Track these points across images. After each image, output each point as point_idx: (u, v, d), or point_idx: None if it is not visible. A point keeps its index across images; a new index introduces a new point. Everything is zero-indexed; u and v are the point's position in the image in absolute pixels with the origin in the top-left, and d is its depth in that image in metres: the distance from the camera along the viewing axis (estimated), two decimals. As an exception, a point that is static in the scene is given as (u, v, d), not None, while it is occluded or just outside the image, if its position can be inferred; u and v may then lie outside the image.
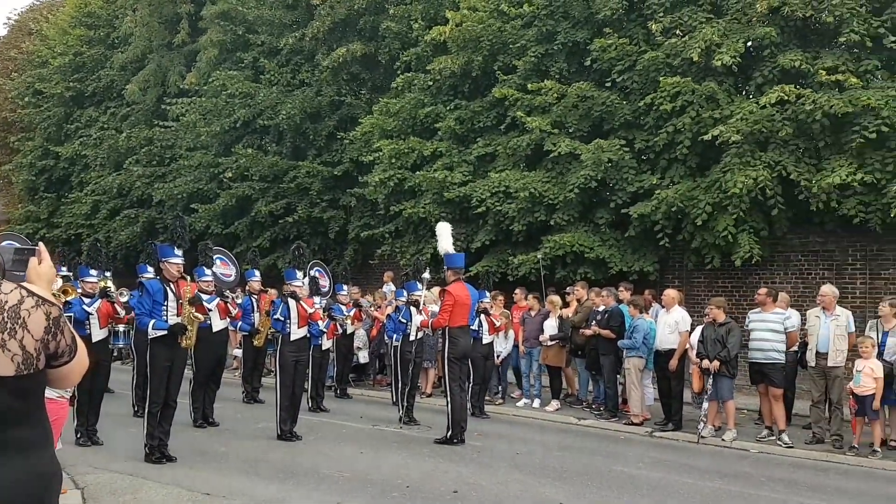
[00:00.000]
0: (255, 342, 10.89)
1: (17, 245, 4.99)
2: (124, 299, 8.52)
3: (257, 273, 11.65)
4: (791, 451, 8.65)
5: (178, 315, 7.07)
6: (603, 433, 9.70)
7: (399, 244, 16.17)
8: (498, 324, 10.77)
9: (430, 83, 15.71)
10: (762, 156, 11.64)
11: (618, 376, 10.40)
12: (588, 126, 13.70)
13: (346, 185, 17.93)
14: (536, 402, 11.23)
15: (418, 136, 15.71)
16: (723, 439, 9.04)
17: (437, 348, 11.01)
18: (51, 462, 2.16)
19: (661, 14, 12.81)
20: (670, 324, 9.63)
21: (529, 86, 13.88)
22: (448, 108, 15.52)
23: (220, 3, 19.09)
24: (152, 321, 6.89)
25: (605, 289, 11.00)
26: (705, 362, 9.10)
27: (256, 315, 10.88)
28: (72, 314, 7.39)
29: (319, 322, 9.69)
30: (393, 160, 15.57)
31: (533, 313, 11.53)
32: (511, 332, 11.73)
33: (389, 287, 14.67)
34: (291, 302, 8.48)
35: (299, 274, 9.02)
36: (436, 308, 9.77)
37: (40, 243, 2.38)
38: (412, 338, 10.06)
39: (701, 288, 13.85)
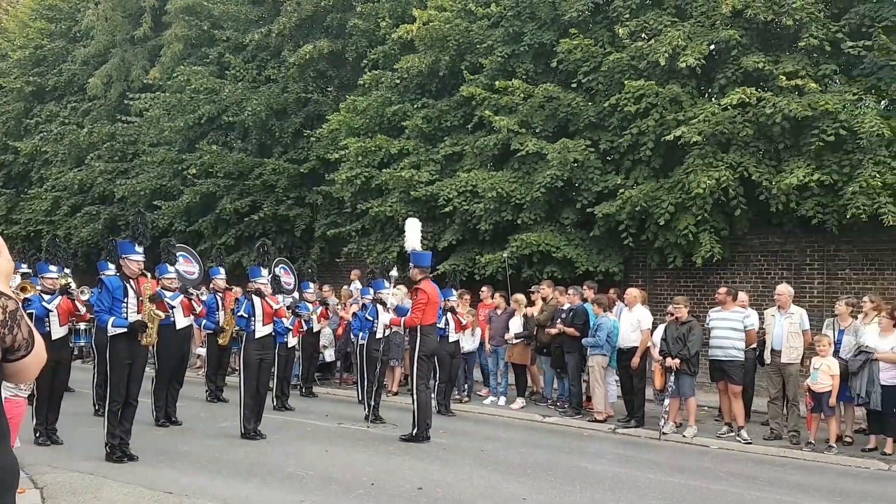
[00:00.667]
0: (220, 340, 10.78)
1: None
2: (85, 297, 8.37)
3: (222, 271, 11.54)
4: (749, 447, 8.84)
5: (138, 312, 6.98)
6: (567, 430, 9.80)
7: (366, 242, 16.12)
8: (464, 322, 10.81)
9: (398, 81, 15.68)
10: (724, 157, 11.87)
11: (582, 374, 10.50)
12: (554, 126, 13.81)
13: (313, 182, 17.80)
14: (502, 400, 11.31)
15: (385, 134, 15.67)
16: (684, 435, 9.20)
17: (405, 346, 11.01)
18: (5, 457, 2.13)
19: (627, 17, 12.98)
20: (633, 322, 9.78)
21: (497, 85, 13.95)
22: (415, 106, 15.50)
23: (185, -4, 18.82)
24: (112, 318, 6.80)
25: (570, 287, 11.12)
26: (667, 360, 9.25)
27: (221, 313, 10.77)
28: (32, 311, 7.25)
29: (284, 319, 9.63)
30: (360, 158, 15.51)
31: (499, 312, 11.60)
32: (478, 331, 11.78)
33: (356, 285, 14.62)
34: (256, 299, 8.42)
35: (264, 271, 8.95)
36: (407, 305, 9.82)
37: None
38: (378, 335, 10.05)
39: (664, 287, 14.06)
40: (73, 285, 8.42)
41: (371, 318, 10.39)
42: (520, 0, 13.93)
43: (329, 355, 13.16)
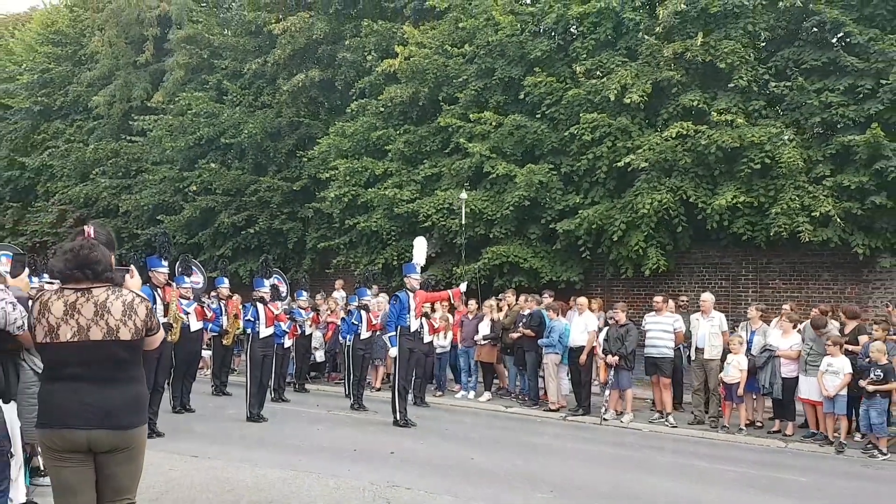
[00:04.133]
0: (224, 341, 12.31)
1: (13, 253, 6.53)
2: None
3: (226, 280, 13.06)
4: (675, 429, 10.46)
5: (164, 315, 8.53)
6: (524, 417, 11.39)
7: (353, 254, 17.72)
8: (437, 325, 12.39)
9: (382, 109, 17.28)
10: (666, 181, 13.54)
11: (538, 370, 12.10)
12: (521, 151, 15.43)
13: (305, 199, 19.39)
14: (472, 394, 12.89)
15: (370, 157, 17.28)
16: (621, 421, 10.82)
17: (387, 348, 12.58)
18: (144, 391, 3.71)
19: (584, 57, 14.65)
20: (581, 325, 11.40)
21: (470, 115, 15.59)
22: (398, 131, 17.12)
23: (187, 27, 20.39)
24: None
25: (530, 295, 12.75)
26: (608, 357, 10.88)
27: (224, 318, 12.30)
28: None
29: (282, 323, 11.20)
30: (348, 178, 17.11)
31: (470, 316, 13.20)
32: (450, 333, 13.36)
33: (340, 294, 16.22)
34: (260, 306, 10.01)
35: (266, 282, 10.54)
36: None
37: (132, 265, 3.93)
38: (363, 336, 11.65)
39: (619, 295, 15.66)
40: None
41: (356, 322, 11.97)
42: (491, 39, 15.57)
43: (319, 356, 14.69)
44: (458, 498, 6.21)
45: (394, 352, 10.07)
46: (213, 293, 13.44)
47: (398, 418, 9.80)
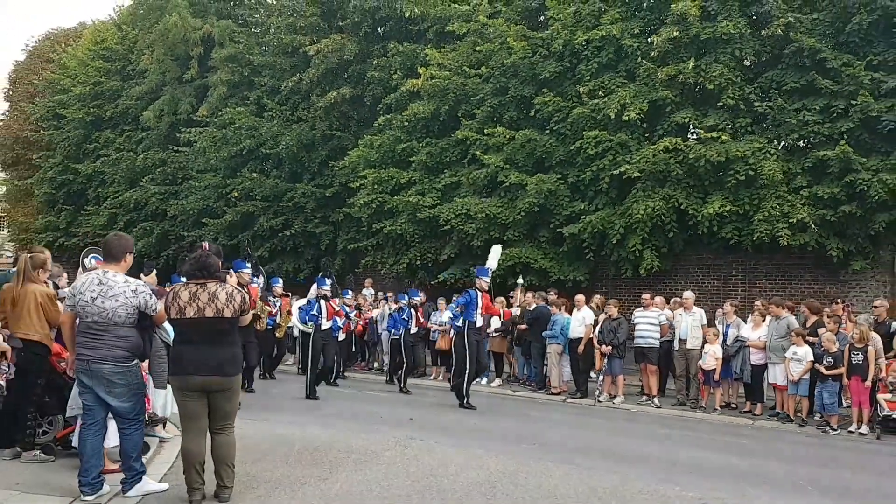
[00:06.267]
0: (277, 334, 13.67)
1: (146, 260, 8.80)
2: None
3: (280, 280, 14.70)
4: (660, 410, 12.00)
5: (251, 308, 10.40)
6: (529, 400, 13.00)
7: (380, 256, 19.49)
8: None
9: (406, 123, 19.00)
10: (660, 190, 15.05)
11: (543, 359, 13.71)
12: (532, 163, 17.02)
13: (336, 204, 21.20)
14: (484, 381, 14.52)
15: (396, 167, 19.02)
16: (613, 402, 12.41)
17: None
18: (240, 352, 5.44)
19: (588, 78, 16.22)
20: (580, 319, 13.01)
21: (486, 129, 17.24)
22: (421, 144, 18.82)
23: (229, 47, 22.32)
24: None
25: (536, 293, 14.38)
26: (602, 347, 12.48)
27: (278, 313, 13.62)
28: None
29: (339, 319, 12.99)
30: (376, 186, 18.87)
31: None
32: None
33: (369, 291, 17.99)
34: (322, 302, 11.84)
35: (328, 281, 12.35)
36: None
37: (231, 269, 5.68)
38: (412, 331, 13.46)
39: (622, 292, 17.22)
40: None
41: (406, 319, 13.58)
42: (505, 62, 17.20)
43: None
44: (458, 446, 7.88)
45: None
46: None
47: (464, 402, 11.13)
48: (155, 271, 7.89)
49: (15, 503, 5.29)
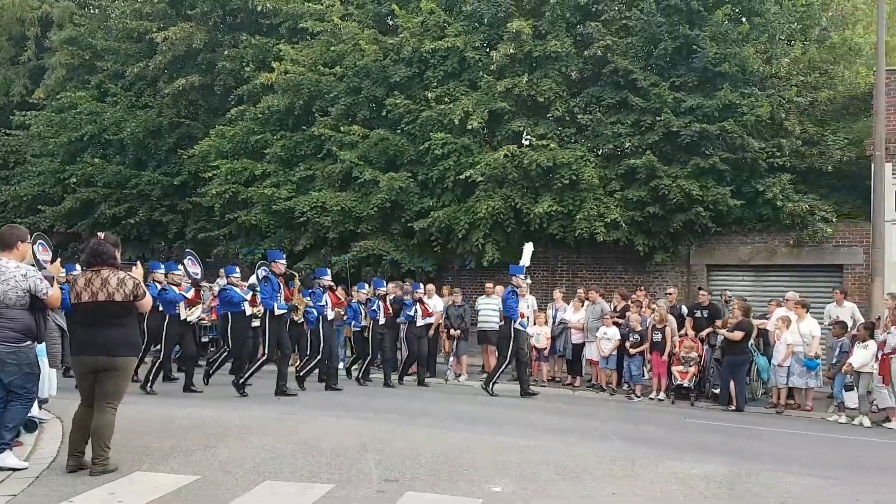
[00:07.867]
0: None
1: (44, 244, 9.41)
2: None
3: (328, 272, 14.08)
4: (498, 385, 13.73)
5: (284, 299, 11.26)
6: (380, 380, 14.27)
7: (233, 245, 19.85)
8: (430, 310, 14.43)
9: (260, 115, 19.43)
10: (499, 191, 16.80)
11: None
12: (385, 160, 18.18)
13: (184, 193, 21.17)
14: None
15: (249, 158, 19.43)
16: (458, 380, 13.99)
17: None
18: (132, 335, 6.10)
19: (435, 85, 17.63)
20: (430, 306, 14.44)
21: (341, 127, 18.17)
22: (275, 136, 19.32)
23: (69, 29, 21.47)
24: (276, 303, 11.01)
25: (395, 283, 15.64)
26: (451, 331, 14.00)
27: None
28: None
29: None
30: (229, 176, 19.19)
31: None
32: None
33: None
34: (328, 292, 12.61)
35: (328, 271, 13.19)
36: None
37: (137, 261, 6.44)
38: (419, 324, 13.76)
39: (467, 283, 18.86)
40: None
41: (375, 310, 13.57)
42: (358, 63, 18.18)
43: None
44: (336, 417, 9.02)
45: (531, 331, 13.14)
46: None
47: (525, 388, 12.40)
48: (59, 259, 8.95)
49: None
